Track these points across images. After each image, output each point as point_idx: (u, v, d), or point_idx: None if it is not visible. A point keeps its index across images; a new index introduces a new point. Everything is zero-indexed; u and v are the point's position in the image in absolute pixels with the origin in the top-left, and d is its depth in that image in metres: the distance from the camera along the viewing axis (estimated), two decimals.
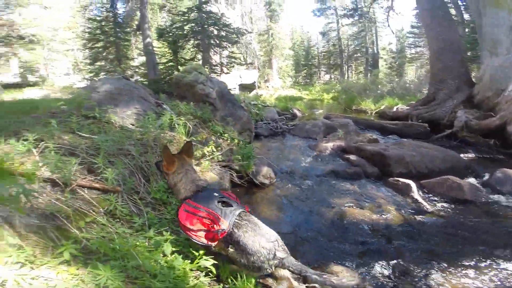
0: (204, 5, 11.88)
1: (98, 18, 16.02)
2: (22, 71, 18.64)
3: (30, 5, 18.59)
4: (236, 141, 4.63)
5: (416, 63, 27.23)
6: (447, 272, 2.44)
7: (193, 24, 11.66)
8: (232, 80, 13.94)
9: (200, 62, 12.31)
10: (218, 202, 2.07)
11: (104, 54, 15.39)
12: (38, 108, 5.42)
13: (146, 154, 3.46)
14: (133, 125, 4.27)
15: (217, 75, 11.19)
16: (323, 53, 33.79)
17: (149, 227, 2.54)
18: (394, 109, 10.26)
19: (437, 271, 2.45)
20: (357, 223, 3.35)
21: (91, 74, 15.66)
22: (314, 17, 36.58)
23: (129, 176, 3.14)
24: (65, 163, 2.53)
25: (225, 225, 1.93)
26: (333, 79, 30.55)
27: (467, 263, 2.54)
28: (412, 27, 27.07)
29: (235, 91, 13.34)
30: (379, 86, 15.82)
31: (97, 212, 2.52)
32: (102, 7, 16.90)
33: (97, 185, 2.75)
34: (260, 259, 1.93)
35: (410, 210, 3.66)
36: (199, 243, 2.04)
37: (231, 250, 1.99)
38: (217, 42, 11.83)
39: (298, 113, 10.26)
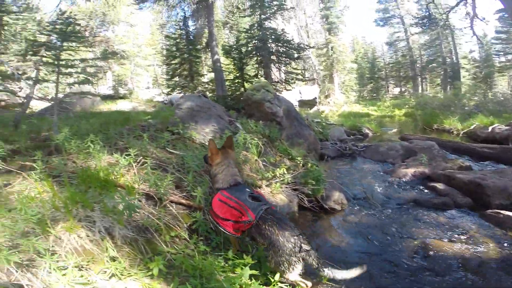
0: (265, 22, 12.28)
1: (173, 36, 17.56)
2: (114, 84, 21.70)
3: (120, 23, 21.27)
4: (309, 164, 4.46)
5: (509, 72, 22.86)
6: None
7: (256, 41, 12.16)
8: (292, 96, 13.89)
9: (262, 78, 12.68)
10: (249, 196, 2.23)
11: (179, 70, 17.07)
12: (129, 120, 6.33)
13: None
14: None
15: (278, 92, 11.32)
16: (391, 65, 31.25)
17: (223, 245, 2.61)
18: (489, 129, 8.59)
19: None
20: (445, 257, 2.93)
21: (169, 89, 17.57)
22: (377, 27, 34.10)
23: (209, 193, 3.32)
24: (161, 180, 2.77)
25: (251, 217, 2.10)
26: (405, 93, 27.80)
27: None
28: (498, 32, 22.98)
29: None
30: (465, 101, 13.61)
31: (181, 227, 2.68)
32: (176, 25, 18.25)
33: (185, 202, 2.95)
34: (287, 252, 2.05)
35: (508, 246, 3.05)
36: (226, 232, 2.27)
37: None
38: (278, 58, 12.03)
39: (369, 133, 9.49)
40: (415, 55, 27.48)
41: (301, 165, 5.03)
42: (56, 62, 4.09)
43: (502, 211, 3.66)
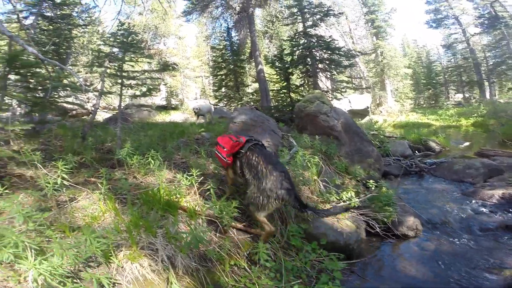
0: (310, 29, 11.82)
1: (218, 47, 18.00)
2: (167, 95, 23.17)
3: (171, 36, 22.35)
4: (382, 188, 3.95)
5: None
6: None
7: (301, 49, 11.77)
8: (341, 106, 13.04)
9: (315, 90, 12.20)
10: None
11: (226, 81, 17.55)
12: (184, 133, 6.50)
13: None
14: None
15: None
16: (450, 69, 27.99)
17: (280, 272, 2.47)
18: None
19: None
20: None
21: (216, 100, 18.13)
22: (429, 29, 30.81)
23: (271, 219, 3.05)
24: (226, 207, 2.57)
25: (242, 140, 2.74)
26: (470, 99, 24.51)
27: None
28: None
29: None
30: None
31: (240, 255, 2.52)
32: (220, 36, 18.76)
33: (246, 228, 2.77)
34: (268, 186, 2.39)
35: None
36: (221, 157, 2.77)
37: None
38: (327, 66, 11.44)
39: (436, 147, 8.31)
40: (479, 57, 24.18)
41: (364, 186, 4.53)
42: (119, 73, 4.30)
43: None
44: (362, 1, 24.42)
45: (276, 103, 11.75)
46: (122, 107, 4.94)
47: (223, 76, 17.67)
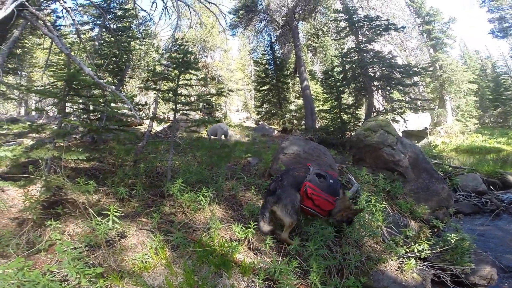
0: (366, 44, 11.11)
1: (262, 61, 17.73)
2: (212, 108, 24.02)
3: (217, 49, 22.69)
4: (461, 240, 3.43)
5: None
6: None
7: (355, 66, 11.14)
8: (395, 126, 12.02)
9: (363, 107, 11.50)
10: None
11: (269, 97, 17.39)
12: (231, 156, 6.51)
13: (341, 247, 3.01)
14: None
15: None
16: None
17: None
18: None
19: None
20: None
21: (259, 116, 18.08)
22: (494, 39, 27.23)
23: (328, 275, 2.77)
24: (285, 268, 2.36)
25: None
26: None
27: None
28: None
29: None
30: None
31: None
32: (264, 51, 18.59)
33: None
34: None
35: None
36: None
37: None
38: (384, 84, 10.60)
39: None
40: None
41: (431, 227, 3.97)
42: (174, 98, 4.14)
43: None
44: (415, 10, 22.75)
45: (323, 124, 11.26)
46: (174, 136, 5.05)
47: (266, 92, 17.44)
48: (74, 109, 4.18)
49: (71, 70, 3.39)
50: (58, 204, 3.12)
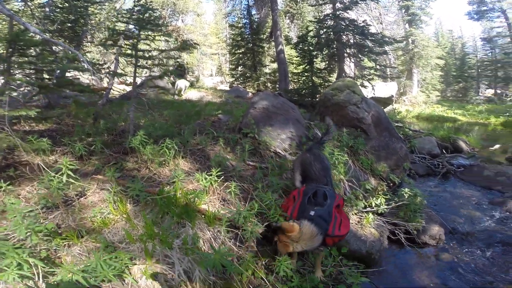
0: (341, 12, 10.92)
1: (238, 25, 17.38)
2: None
3: (189, 12, 21.50)
4: (417, 197, 3.67)
5: None
6: None
7: (329, 32, 10.99)
8: (364, 93, 12.44)
9: (336, 73, 11.55)
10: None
11: (243, 60, 16.98)
12: (201, 114, 6.29)
13: None
14: (286, 151, 4.07)
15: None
16: (485, 63, 25.99)
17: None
18: None
19: None
20: None
21: (232, 79, 17.67)
22: (469, 20, 28.48)
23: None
24: (247, 213, 2.39)
25: None
26: (503, 96, 22.89)
27: None
28: None
29: None
30: None
31: (259, 265, 2.38)
32: (240, 14, 18.19)
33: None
34: None
35: None
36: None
37: None
38: (355, 51, 10.67)
39: (464, 147, 7.76)
40: None
41: (388, 186, 4.26)
42: (133, 53, 3.96)
43: None
44: None
45: (296, 86, 11.26)
46: (136, 89, 4.68)
47: (241, 55, 17.10)
48: (22, 70, 3.68)
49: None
50: (10, 167, 2.84)
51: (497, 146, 8.53)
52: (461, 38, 31.77)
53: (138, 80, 5.06)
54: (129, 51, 4.20)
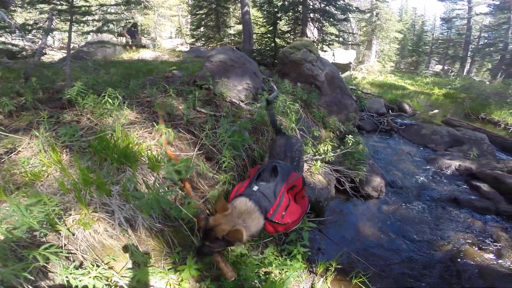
0: None
1: None
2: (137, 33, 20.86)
3: None
4: (360, 145, 3.92)
5: None
6: None
7: None
8: (324, 58, 12.73)
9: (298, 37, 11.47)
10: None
11: (206, 21, 15.94)
12: (153, 71, 5.83)
13: (257, 141, 3.17)
14: (242, 101, 4.05)
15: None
16: (439, 41, 28.00)
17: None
18: None
19: None
20: (473, 267, 2.84)
21: (193, 39, 16.60)
22: (434, 1, 29.71)
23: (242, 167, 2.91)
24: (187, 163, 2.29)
25: None
26: (448, 72, 25.16)
27: None
28: None
29: None
30: None
31: (210, 211, 2.34)
32: None
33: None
34: None
35: None
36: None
37: None
38: (318, 16, 10.69)
39: (408, 109, 8.57)
40: (474, 35, 24.33)
41: (338, 138, 4.56)
42: (68, 8, 3.45)
43: None
44: None
45: (259, 47, 11.05)
46: (77, 45, 4.09)
47: (203, 16, 15.95)
48: None
49: None
50: None
51: (436, 111, 9.56)
52: (423, 16, 33.35)
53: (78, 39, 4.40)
54: (64, 7, 3.61)
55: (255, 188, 1.85)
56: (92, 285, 1.47)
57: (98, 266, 1.60)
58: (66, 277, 1.43)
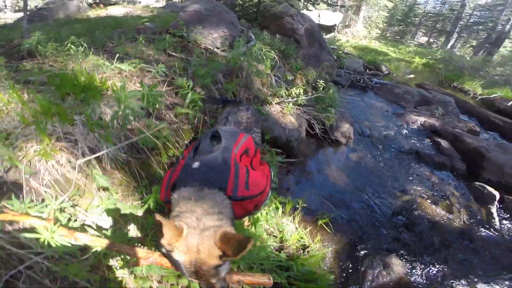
0: None
1: None
2: None
3: None
4: (329, 90, 4.06)
5: None
6: None
7: None
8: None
9: None
10: None
11: None
12: (122, 25, 5.39)
13: (231, 82, 3.23)
14: (218, 48, 4.02)
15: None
16: (430, 14, 27.68)
17: None
18: (510, 104, 8.05)
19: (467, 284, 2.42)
20: (426, 220, 3.06)
21: None
22: None
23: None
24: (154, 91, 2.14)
25: None
26: (432, 44, 25.30)
27: None
28: None
29: None
30: (497, 70, 12.54)
31: (180, 145, 2.32)
32: None
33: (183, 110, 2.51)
34: None
35: (478, 222, 3.21)
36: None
37: None
38: None
39: (386, 71, 8.82)
40: (465, 13, 24.15)
41: (314, 88, 4.67)
42: None
43: (487, 187, 3.67)
44: None
45: (242, 1, 10.51)
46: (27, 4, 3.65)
47: None
48: None
49: None
50: None
51: (412, 76, 9.89)
52: None
53: None
54: None
55: (196, 165, 1.28)
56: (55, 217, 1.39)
57: (61, 207, 1.50)
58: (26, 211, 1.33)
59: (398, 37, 25.89)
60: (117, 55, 2.79)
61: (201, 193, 1.12)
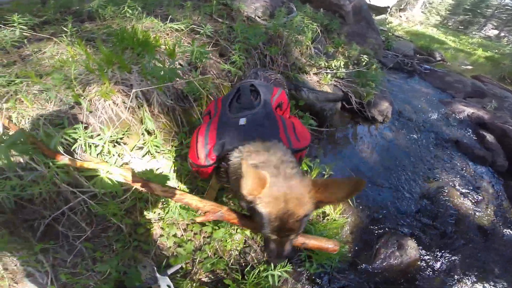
0: None
1: None
2: None
3: None
4: (373, 65, 3.92)
5: None
6: None
7: None
8: None
9: None
10: None
11: None
12: None
13: (271, 48, 3.31)
14: (259, 17, 4.10)
15: None
16: (506, 7, 23.98)
17: None
18: None
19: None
20: (449, 207, 2.96)
21: None
22: None
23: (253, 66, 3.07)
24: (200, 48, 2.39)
25: None
26: (503, 38, 22.11)
27: None
28: None
29: None
30: None
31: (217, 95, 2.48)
32: None
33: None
34: None
35: (505, 223, 2.99)
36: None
37: None
38: None
39: (438, 58, 8.09)
40: None
41: (355, 63, 4.51)
42: None
43: None
44: None
45: None
46: None
47: None
48: None
49: None
50: None
51: (469, 67, 8.89)
52: None
53: None
54: None
55: (242, 121, 1.24)
56: (107, 150, 1.70)
57: (113, 143, 1.80)
58: (83, 149, 1.63)
59: (462, 27, 23.05)
60: (169, 16, 3.04)
61: (264, 146, 1.08)
